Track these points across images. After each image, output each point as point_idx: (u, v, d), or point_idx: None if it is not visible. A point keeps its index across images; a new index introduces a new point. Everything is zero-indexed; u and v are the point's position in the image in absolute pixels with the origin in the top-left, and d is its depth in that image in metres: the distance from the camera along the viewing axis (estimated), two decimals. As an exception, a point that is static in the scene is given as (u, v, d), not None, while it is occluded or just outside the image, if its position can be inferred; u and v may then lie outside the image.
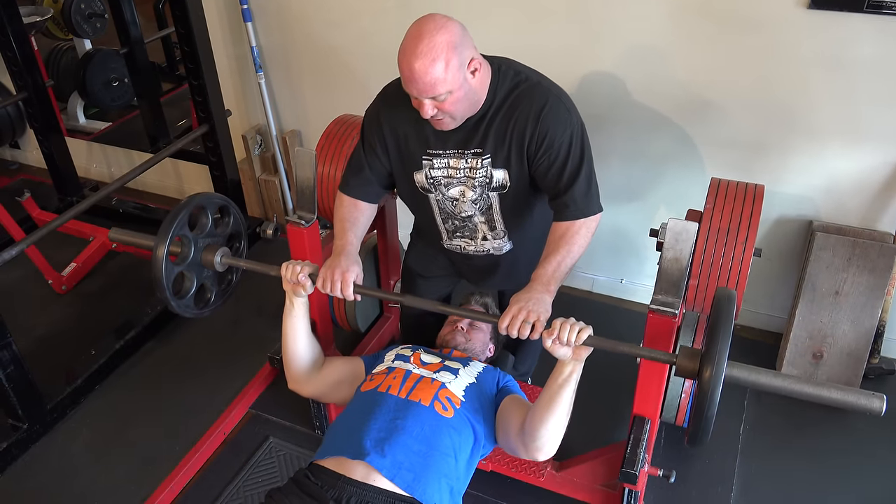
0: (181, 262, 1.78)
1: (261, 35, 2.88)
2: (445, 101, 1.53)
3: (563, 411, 1.56)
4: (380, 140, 1.76)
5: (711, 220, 1.86)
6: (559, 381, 1.54)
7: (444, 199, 1.79)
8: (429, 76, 1.48)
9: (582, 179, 1.63)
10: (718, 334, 1.37)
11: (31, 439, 2.27)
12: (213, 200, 1.86)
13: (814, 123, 2.21)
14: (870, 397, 1.31)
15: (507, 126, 1.63)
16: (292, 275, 1.74)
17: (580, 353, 1.52)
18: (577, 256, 1.64)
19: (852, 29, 2.02)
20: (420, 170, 1.75)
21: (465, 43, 1.52)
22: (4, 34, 2.86)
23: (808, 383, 1.35)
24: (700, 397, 1.36)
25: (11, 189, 3.46)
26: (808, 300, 2.30)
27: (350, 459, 1.53)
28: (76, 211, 2.50)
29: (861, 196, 2.27)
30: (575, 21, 2.33)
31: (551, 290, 1.59)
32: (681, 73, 2.29)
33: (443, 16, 1.52)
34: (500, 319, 1.54)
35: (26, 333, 2.65)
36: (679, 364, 1.45)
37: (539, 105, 1.61)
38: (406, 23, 2.53)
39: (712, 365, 1.34)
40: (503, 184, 1.71)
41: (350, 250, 1.74)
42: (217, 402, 2.36)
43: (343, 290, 1.68)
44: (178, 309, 1.81)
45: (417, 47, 1.47)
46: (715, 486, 2.08)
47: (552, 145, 1.61)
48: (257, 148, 3.17)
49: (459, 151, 1.69)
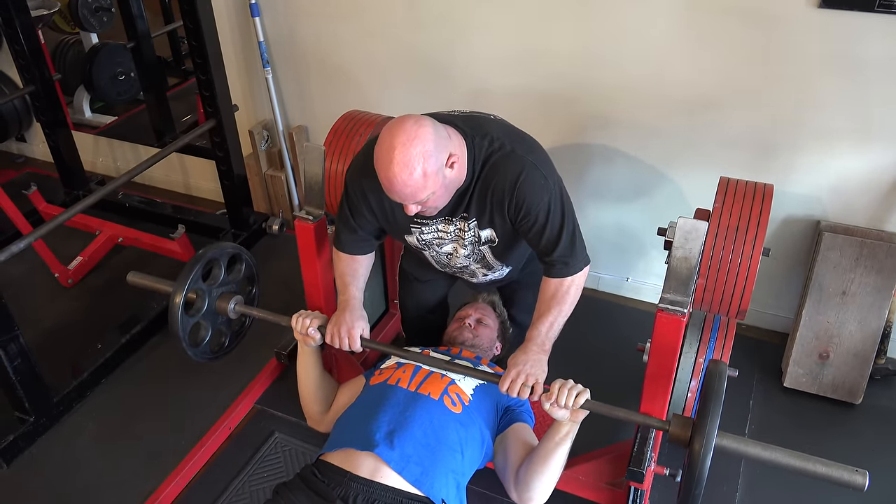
0: (196, 313, 1.86)
1: (269, 30, 2.87)
2: (428, 200, 1.54)
3: (557, 467, 1.62)
4: (366, 206, 1.77)
5: (720, 219, 1.85)
6: (556, 440, 1.59)
7: (438, 254, 1.83)
8: (409, 188, 1.48)
9: (564, 240, 1.65)
10: (708, 407, 1.42)
11: (37, 432, 2.28)
12: (225, 251, 1.93)
13: (823, 123, 2.20)
14: (852, 473, 1.39)
15: (486, 195, 1.64)
16: (302, 328, 1.81)
17: (577, 416, 1.57)
18: (568, 313, 1.70)
19: (863, 28, 2.01)
20: (410, 234, 1.79)
21: (439, 145, 1.50)
22: (12, 27, 2.86)
23: (795, 456, 1.42)
24: (690, 467, 1.42)
25: (18, 182, 3.46)
26: (814, 300, 2.29)
27: (358, 451, 1.54)
28: (83, 205, 2.49)
29: (869, 196, 2.26)
30: (583, 20, 2.33)
31: (546, 350, 1.65)
32: (689, 71, 2.28)
33: (414, 122, 1.48)
34: (500, 383, 1.60)
35: (33, 326, 2.65)
36: (672, 432, 1.50)
37: (514, 175, 1.60)
38: (413, 16, 2.56)
39: (702, 437, 1.40)
40: (492, 239, 1.74)
41: (354, 304, 1.80)
42: (222, 396, 2.37)
43: (350, 346, 1.76)
44: (195, 357, 1.90)
45: (393, 160, 1.45)
46: (720, 486, 2.08)
47: (529, 212, 1.62)
48: (264, 143, 3.17)
49: (447, 219, 1.72)
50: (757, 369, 2.44)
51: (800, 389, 2.36)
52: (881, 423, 2.27)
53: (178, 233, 2.91)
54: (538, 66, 2.48)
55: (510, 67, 2.52)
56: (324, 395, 1.93)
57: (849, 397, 2.31)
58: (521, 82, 2.53)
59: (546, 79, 2.49)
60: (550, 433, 1.60)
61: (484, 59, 2.55)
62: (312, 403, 1.94)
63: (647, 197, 2.58)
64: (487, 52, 2.54)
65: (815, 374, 2.34)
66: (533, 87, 2.52)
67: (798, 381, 2.36)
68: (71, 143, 3.29)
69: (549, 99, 2.52)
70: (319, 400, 1.93)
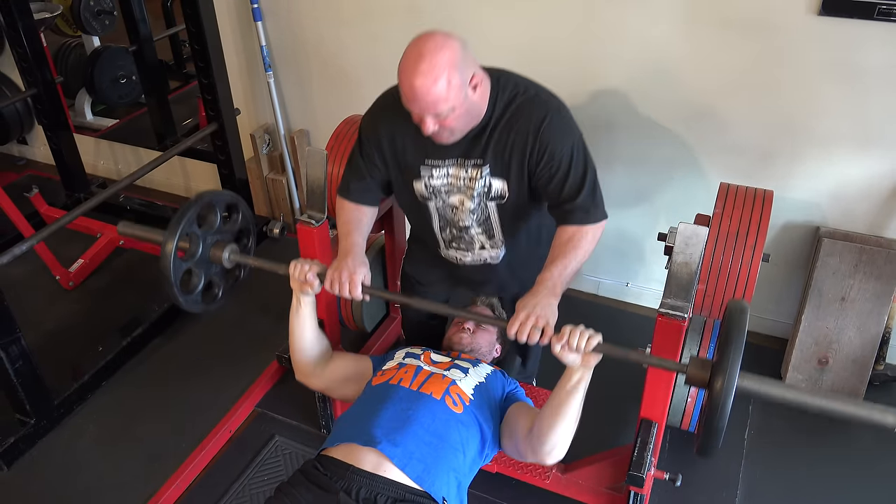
0: (189, 258, 1.78)
1: (271, 34, 2.88)
2: (447, 117, 1.53)
3: (572, 417, 1.56)
4: (377, 150, 1.75)
5: (720, 224, 1.86)
6: (567, 388, 1.54)
7: (444, 206, 1.78)
8: (431, 95, 1.47)
9: (587, 189, 1.63)
10: (731, 345, 1.34)
11: (38, 434, 2.28)
12: (222, 198, 1.86)
13: (822, 130, 2.22)
14: (884, 412, 1.29)
15: (507, 139, 1.63)
16: (300, 273, 1.74)
17: (589, 361, 1.52)
18: (582, 261, 1.64)
19: (862, 36, 2.02)
20: (419, 179, 1.74)
21: (466, 59, 1.51)
22: (15, 30, 2.86)
23: (820, 396, 1.33)
24: (711, 408, 1.34)
25: (19, 185, 3.46)
26: (814, 306, 2.30)
27: (361, 446, 1.54)
28: (85, 208, 2.51)
29: (868, 203, 2.27)
30: (584, 26, 2.34)
31: (557, 294, 1.58)
32: (689, 78, 2.30)
33: (443, 34, 1.50)
34: (509, 326, 1.53)
35: (34, 329, 2.65)
36: (689, 374, 1.43)
37: (538, 118, 1.60)
38: (417, 22, 2.56)
39: (724, 376, 1.32)
40: (502, 194, 1.70)
41: (357, 251, 1.74)
42: (223, 399, 2.37)
43: (351, 291, 1.68)
44: (186, 305, 1.81)
45: (419, 66, 1.46)
46: (720, 491, 2.09)
47: (553, 158, 1.61)
48: (265, 147, 3.18)
49: (459, 161, 1.69)
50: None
51: (799, 395, 2.36)
52: (880, 429, 2.27)
53: (180, 236, 2.91)
54: (539, 71, 2.45)
55: (512, 72, 2.53)
56: (318, 350, 1.89)
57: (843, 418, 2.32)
58: (523, 87, 2.53)
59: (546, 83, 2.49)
60: (562, 382, 1.55)
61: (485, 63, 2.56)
62: (305, 358, 1.88)
63: (648, 202, 2.59)
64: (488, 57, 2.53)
65: (814, 380, 2.35)
66: (534, 93, 2.53)
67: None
68: (72, 145, 3.30)
69: (549, 104, 2.52)
70: (313, 355, 1.88)
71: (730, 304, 1.45)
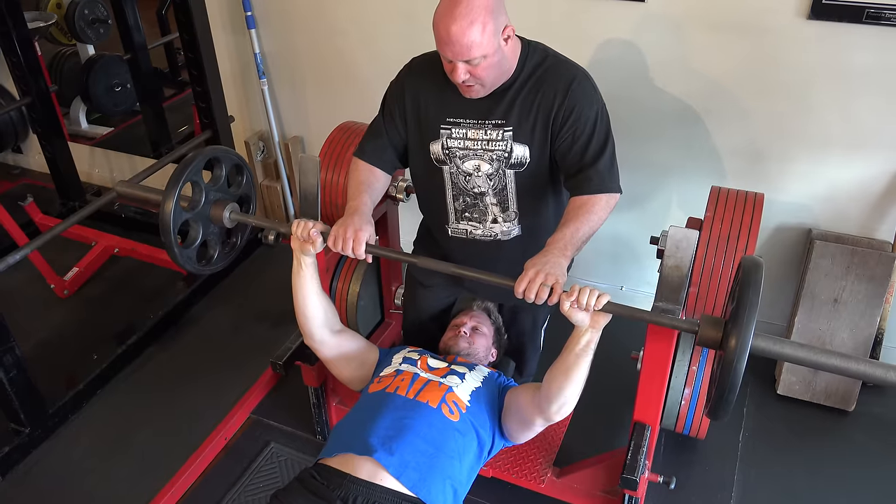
0: (190, 209, 1.74)
1: (264, 42, 2.89)
2: (479, 65, 1.55)
3: (580, 378, 1.56)
4: (399, 108, 1.77)
5: (712, 228, 1.87)
6: (576, 350, 1.53)
7: (457, 172, 1.77)
8: (465, 38, 1.49)
9: (606, 156, 1.65)
10: (745, 302, 1.28)
11: (32, 444, 2.27)
12: (230, 156, 1.84)
13: (813, 132, 2.23)
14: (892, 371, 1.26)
15: (535, 98, 1.65)
16: (303, 230, 1.70)
17: (598, 321, 1.51)
18: (594, 228, 1.63)
19: (852, 39, 2.04)
20: (437, 139, 1.74)
21: (500, 9, 1.54)
22: (9, 39, 2.87)
23: (834, 356, 1.30)
24: (724, 368, 1.30)
25: (14, 194, 3.47)
26: (807, 308, 2.31)
27: (357, 456, 1.54)
28: (79, 216, 2.50)
29: (860, 205, 2.28)
30: (576, 31, 2.35)
31: (567, 255, 1.55)
32: (681, 82, 2.31)
33: None
34: (517, 283, 1.48)
35: (28, 338, 2.65)
36: (702, 333, 1.40)
37: (568, 79, 1.64)
38: (411, 30, 2.58)
39: (738, 334, 1.27)
40: (522, 161, 1.70)
41: (364, 210, 1.71)
42: (218, 407, 2.37)
43: (355, 249, 1.63)
44: (180, 258, 1.76)
45: (455, 10, 1.49)
46: (715, 493, 2.09)
47: (579, 119, 1.63)
48: (259, 154, 3.19)
49: (480, 122, 1.69)
50: (750, 377, 2.45)
51: (793, 397, 2.37)
52: (874, 430, 2.28)
53: (174, 243, 2.91)
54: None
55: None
56: (323, 314, 1.84)
57: (842, 404, 2.33)
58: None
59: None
60: (570, 344, 1.54)
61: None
62: (310, 320, 1.83)
63: (641, 206, 2.60)
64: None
65: (808, 382, 2.35)
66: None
67: (791, 389, 2.37)
68: (67, 154, 3.30)
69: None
70: (318, 316, 1.83)
71: (744, 260, 1.39)
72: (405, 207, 2.21)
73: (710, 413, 1.41)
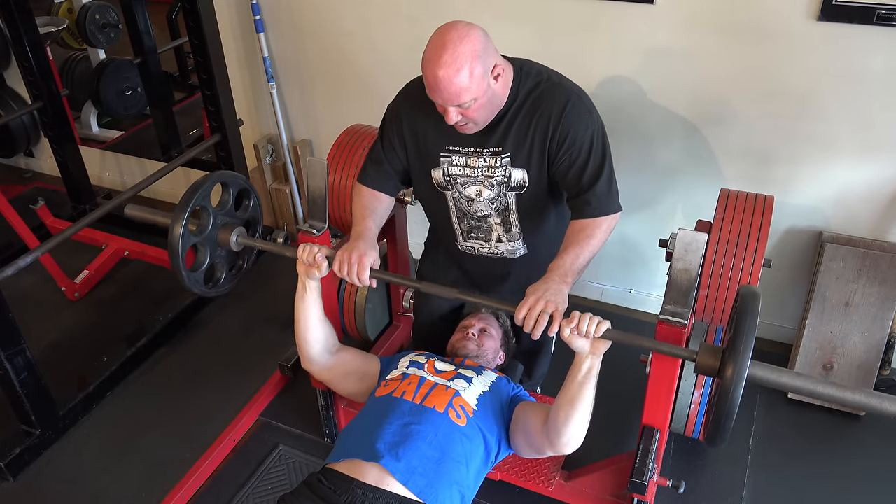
0: (198, 233, 1.78)
1: (273, 45, 2.90)
2: (470, 108, 1.55)
3: (586, 406, 1.55)
4: (399, 136, 1.78)
5: (721, 230, 1.86)
6: (579, 377, 1.53)
7: (460, 197, 1.79)
8: (454, 86, 1.50)
9: (604, 178, 1.64)
10: (742, 331, 1.30)
11: (43, 445, 2.29)
12: (237, 181, 1.87)
13: (824, 134, 2.21)
14: (893, 402, 1.26)
15: (529, 124, 1.64)
16: (308, 255, 1.72)
17: (598, 347, 1.50)
18: (594, 252, 1.64)
19: (862, 41, 2.02)
20: (437, 167, 1.76)
21: (488, 50, 1.54)
22: (21, 44, 2.90)
23: (830, 385, 1.31)
24: (721, 396, 1.31)
25: (26, 197, 3.49)
26: (818, 311, 2.29)
27: (364, 462, 1.54)
28: (90, 219, 2.52)
29: (871, 207, 2.27)
30: (584, 34, 2.35)
31: (568, 282, 1.56)
32: (690, 84, 2.30)
33: (465, 24, 1.53)
34: (517, 310, 1.50)
35: (39, 340, 2.67)
36: (700, 361, 1.41)
37: (561, 104, 1.63)
38: (416, 33, 2.57)
39: (735, 363, 1.28)
40: (521, 184, 1.71)
41: (368, 235, 1.73)
42: (227, 409, 2.38)
43: (359, 275, 1.64)
44: (188, 282, 1.79)
45: (442, 57, 1.49)
46: (724, 498, 2.08)
47: (574, 144, 1.63)
48: (268, 157, 3.20)
49: (478, 150, 1.70)
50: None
51: (804, 401, 2.35)
52: (886, 435, 2.26)
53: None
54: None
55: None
56: (323, 336, 1.86)
57: (853, 409, 2.31)
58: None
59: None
60: (572, 372, 1.53)
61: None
62: (310, 343, 1.85)
63: (650, 209, 2.59)
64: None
65: (819, 386, 2.33)
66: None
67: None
68: (78, 157, 3.33)
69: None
70: (319, 340, 1.85)
71: (741, 290, 1.41)
72: (413, 210, 2.22)
73: (708, 440, 1.42)
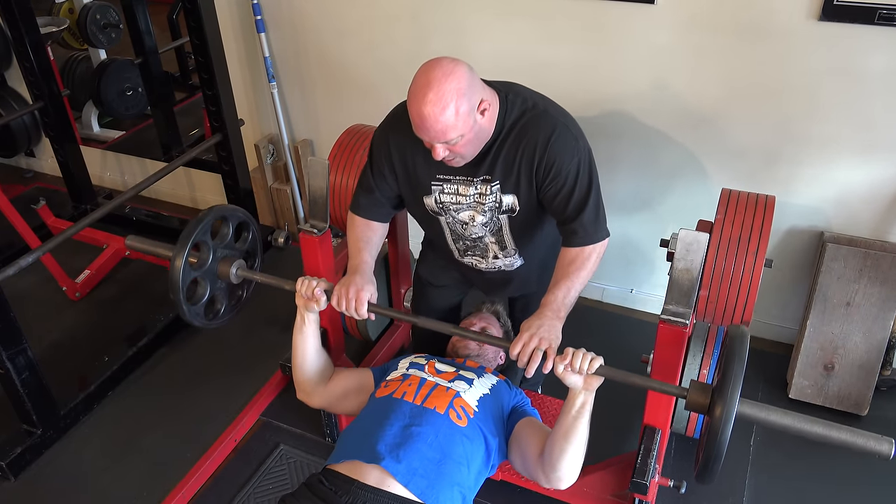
0: (198, 267, 1.81)
1: (274, 45, 2.91)
2: (457, 144, 1.55)
3: (580, 442, 1.57)
4: (388, 164, 1.77)
5: (722, 230, 1.86)
6: (572, 413, 1.55)
7: (454, 221, 1.80)
8: (440, 124, 1.49)
9: (590, 207, 1.65)
10: (731, 371, 1.36)
11: (44, 444, 2.29)
12: (236, 214, 1.91)
13: (825, 134, 2.21)
14: (879, 441, 1.32)
15: (516, 154, 1.64)
16: (307, 289, 1.77)
17: (591, 383, 1.53)
18: (585, 282, 1.67)
19: (863, 41, 2.02)
20: (429, 195, 1.77)
21: (473, 86, 1.52)
22: (22, 44, 2.90)
23: (818, 423, 1.36)
24: (710, 435, 1.35)
25: (27, 197, 3.49)
26: (819, 311, 2.29)
27: (364, 463, 1.54)
28: (91, 219, 2.52)
29: (873, 207, 2.27)
30: (586, 33, 2.35)
31: (561, 317, 1.60)
32: (691, 84, 2.30)
33: (450, 60, 1.51)
34: (511, 346, 1.54)
35: (41, 339, 2.67)
36: (689, 399, 1.45)
37: (547, 133, 1.61)
38: (418, 33, 2.58)
39: (724, 402, 1.33)
40: (513, 207, 1.72)
41: (364, 269, 1.76)
42: (228, 409, 2.37)
43: (357, 309, 1.69)
44: (189, 315, 1.84)
45: (427, 95, 1.47)
46: (725, 498, 2.07)
47: (559, 173, 1.62)
48: (269, 157, 3.20)
49: (468, 179, 1.71)
50: (762, 381, 2.43)
51: (805, 401, 2.35)
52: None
53: (185, 246, 2.93)
54: (542, 78, 2.48)
55: (514, 79, 2.53)
56: (319, 368, 1.90)
57: (854, 409, 2.31)
58: (524, 95, 2.54)
59: (550, 90, 2.46)
60: (566, 407, 1.56)
61: (488, 72, 2.55)
62: (307, 375, 1.89)
63: (651, 208, 2.59)
64: (491, 65, 2.54)
65: (820, 386, 2.33)
66: (536, 101, 2.53)
67: (803, 393, 2.35)
68: (79, 157, 3.33)
69: (551, 112, 2.53)
70: (315, 372, 1.89)
71: (730, 330, 1.46)
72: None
73: (698, 478, 1.45)
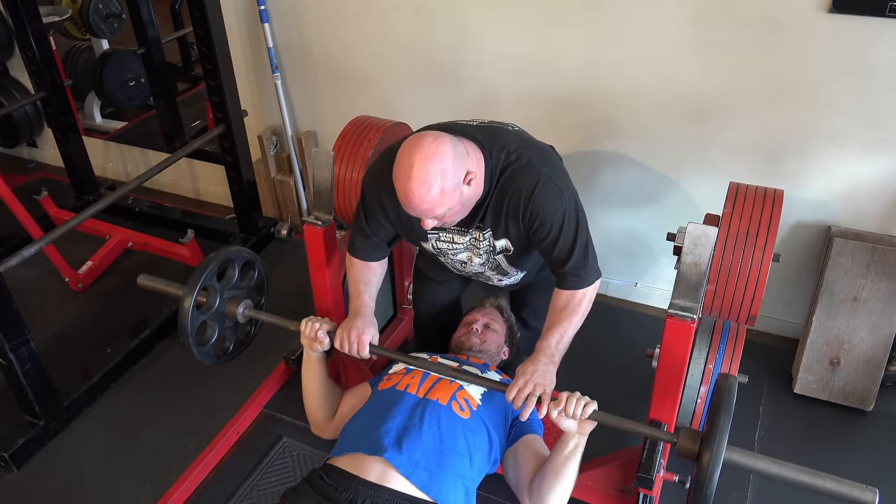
0: (206, 311, 1.86)
1: (278, 36, 2.89)
2: (445, 216, 1.56)
3: (569, 480, 1.60)
4: (382, 213, 1.78)
5: (730, 224, 1.84)
6: (564, 453, 1.58)
7: (453, 262, 1.85)
8: (426, 203, 1.49)
9: (578, 253, 1.66)
10: (719, 419, 1.41)
11: (47, 436, 2.29)
12: (241, 255, 1.95)
13: (833, 128, 2.19)
14: (863, 491, 1.34)
15: (502, 205, 1.65)
16: (311, 331, 1.81)
17: (585, 428, 1.56)
18: (578, 325, 1.70)
19: (874, 33, 2.00)
20: (426, 241, 1.81)
21: (457, 162, 1.51)
22: (24, 34, 2.88)
23: (803, 472, 1.40)
24: (698, 480, 1.40)
25: (29, 187, 3.48)
26: (825, 306, 2.28)
27: (367, 455, 1.55)
28: (93, 210, 2.51)
29: (881, 201, 2.25)
30: (591, 25, 2.33)
31: (555, 362, 1.65)
32: (699, 76, 2.28)
33: (433, 138, 1.50)
34: (507, 391, 1.59)
35: (43, 331, 2.66)
36: (680, 444, 1.49)
37: (530, 186, 1.61)
38: (421, 23, 2.56)
39: (712, 450, 1.38)
40: (507, 248, 1.75)
41: (366, 312, 1.81)
42: (231, 401, 2.37)
43: (359, 351, 1.75)
44: (199, 356, 1.89)
45: (411, 178, 1.47)
46: (730, 493, 2.07)
47: (544, 224, 1.63)
48: (273, 148, 3.19)
49: (462, 229, 1.74)
50: (767, 375, 2.42)
51: (810, 396, 2.34)
52: (893, 430, 2.25)
53: (188, 237, 2.93)
54: (547, 71, 2.48)
55: (519, 72, 2.53)
56: (328, 403, 1.93)
57: (860, 404, 2.30)
58: (530, 87, 2.53)
59: (555, 84, 2.49)
60: (559, 447, 1.60)
61: (492, 64, 2.56)
62: (317, 410, 1.93)
63: (657, 202, 2.58)
64: (496, 57, 2.54)
65: (825, 381, 2.32)
66: (542, 93, 2.52)
67: (809, 388, 2.34)
68: (81, 148, 3.32)
69: (558, 104, 2.51)
70: (324, 407, 1.92)
71: (719, 380, 1.52)
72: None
73: None
